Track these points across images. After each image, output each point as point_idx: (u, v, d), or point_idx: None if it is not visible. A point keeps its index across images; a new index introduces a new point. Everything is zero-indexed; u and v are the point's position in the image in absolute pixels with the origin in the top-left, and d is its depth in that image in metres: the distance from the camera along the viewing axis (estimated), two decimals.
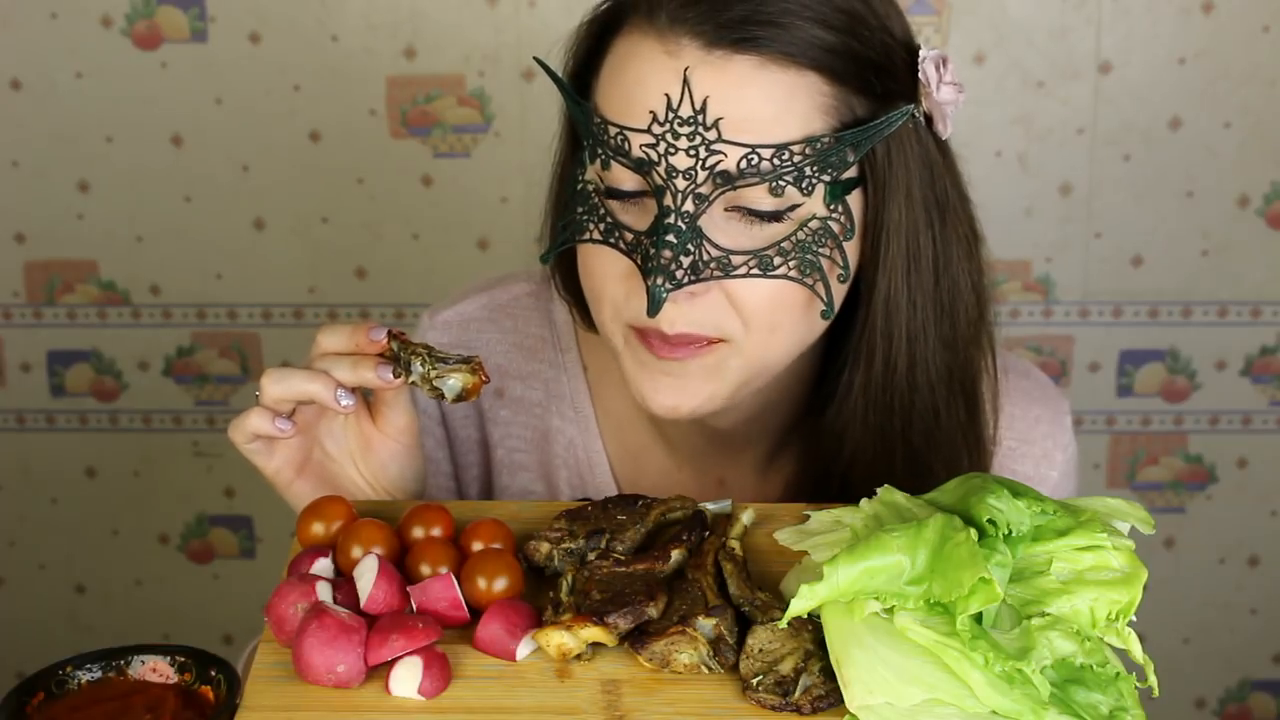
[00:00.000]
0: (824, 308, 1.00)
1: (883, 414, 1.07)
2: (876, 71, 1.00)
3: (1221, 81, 2.11)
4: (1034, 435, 1.19)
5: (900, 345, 1.05)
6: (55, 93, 2.17)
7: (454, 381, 0.98)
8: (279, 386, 1.01)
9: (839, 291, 1.02)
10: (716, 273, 0.97)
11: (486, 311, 1.24)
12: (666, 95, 0.96)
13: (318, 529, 0.93)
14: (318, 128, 2.17)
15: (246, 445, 1.04)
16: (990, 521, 0.81)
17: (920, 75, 1.01)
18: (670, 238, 0.96)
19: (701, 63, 0.96)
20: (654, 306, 0.96)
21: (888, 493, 0.92)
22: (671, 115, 0.96)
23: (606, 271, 1.02)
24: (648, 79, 0.97)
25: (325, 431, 1.07)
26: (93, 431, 2.32)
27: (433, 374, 0.98)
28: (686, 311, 0.99)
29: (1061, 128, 2.13)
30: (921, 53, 1.02)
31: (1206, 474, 2.27)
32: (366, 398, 1.07)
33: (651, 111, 0.97)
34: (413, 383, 0.99)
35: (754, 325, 1.00)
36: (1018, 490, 0.83)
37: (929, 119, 1.03)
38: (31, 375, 2.29)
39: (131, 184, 2.20)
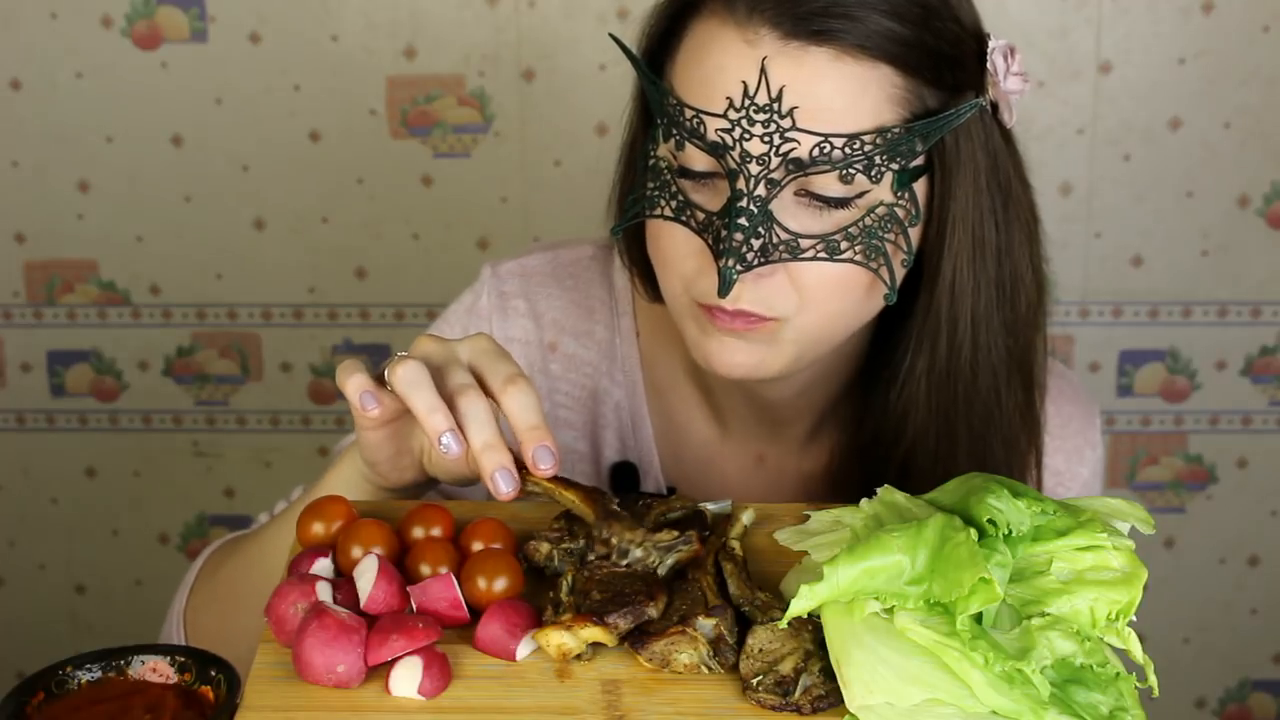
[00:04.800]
0: (887, 291, 1.02)
1: (946, 397, 1.09)
2: (947, 63, 1.02)
3: (1221, 81, 2.11)
4: (1067, 432, 1.22)
5: (964, 330, 1.07)
6: (55, 93, 2.17)
7: (671, 561, 0.89)
8: (407, 387, 0.93)
9: (901, 275, 1.04)
10: (785, 255, 1.00)
11: (550, 267, 1.26)
12: (744, 83, 0.98)
13: (318, 529, 0.92)
14: (318, 128, 2.17)
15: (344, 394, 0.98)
16: (990, 521, 0.81)
17: (989, 65, 1.04)
18: (742, 220, 0.98)
19: (779, 53, 0.98)
20: (725, 288, 0.98)
21: (888, 493, 0.92)
22: (748, 102, 0.98)
23: (677, 248, 1.04)
24: (726, 66, 0.99)
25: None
26: (93, 431, 2.32)
27: (652, 561, 0.89)
28: (752, 290, 1.01)
29: (1061, 128, 2.13)
30: (990, 43, 1.04)
31: (1206, 474, 2.27)
32: None
33: (728, 98, 0.99)
34: (627, 550, 0.89)
35: (813, 306, 1.02)
36: (1018, 490, 0.83)
37: (994, 107, 1.05)
38: (31, 375, 2.29)
39: (131, 184, 2.20)
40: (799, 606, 0.78)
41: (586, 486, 0.95)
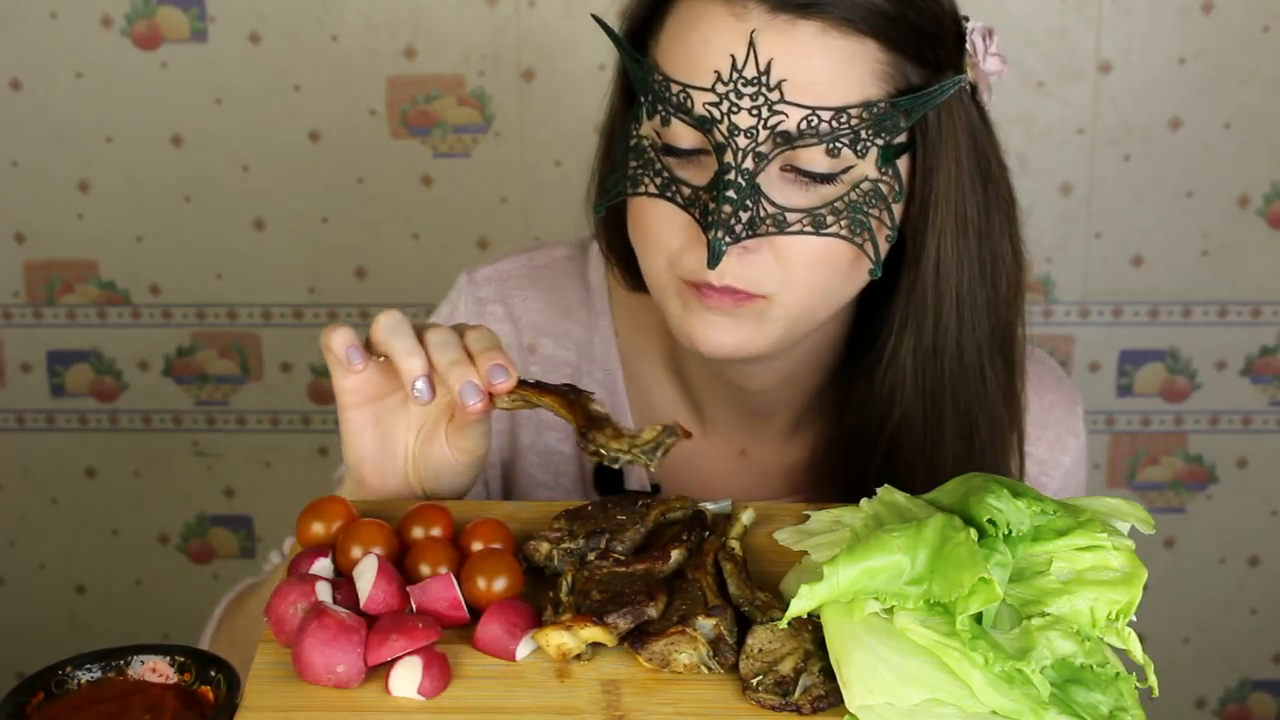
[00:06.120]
0: (871, 266, 1.03)
1: (932, 376, 1.10)
2: (929, 40, 1.03)
3: (1221, 81, 2.11)
4: (1048, 420, 1.22)
5: (949, 308, 1.08)
6: (55, 93, 2.17)
7: (660, 455, 0.93)
8: (388, 333, 0.97)
9: (885, 250, 1.05)
10: (771, 228, 1.00)
11: (526, 270, 1.26)
12: (732, 56, 0.99)
13: (318, 529, 0.93)
14: (318, 128, 2.17)
15: (329, 351, 1.01)
16: (990, 521, 0.81)
17: (968, 45, 1.05)
18: (730, 193, 0.99)
19: (767, 26, 0.99)
20: (714, 258, 0.99)
21: (888, 493, 0.92)
22: (736, 75, 0.99)
23: (662, 224, 1.04)
24: (714, 40, 1.00)
25: (402, 400, 1.04)
26: (93, 431, 2.32)
27: (643, 464, 0.93)
28: (737, 266, 1.01)
29: (1061, 127, 2.13)
30: (969, 24, 1.06)
31: (1206, 474, 2.27)
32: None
33: (716, 71, 0.99)
34: (616, 459, 0.93)
35: (798, 282, 1.03)
36: (1018, 490, 0.83)
37: (974, 88, 1.07)
38: (31, 375, 2.29)
39: (131, 184, 2.20)
40: (799, 606, 0.78)
41: (561, 388, 0.97)
